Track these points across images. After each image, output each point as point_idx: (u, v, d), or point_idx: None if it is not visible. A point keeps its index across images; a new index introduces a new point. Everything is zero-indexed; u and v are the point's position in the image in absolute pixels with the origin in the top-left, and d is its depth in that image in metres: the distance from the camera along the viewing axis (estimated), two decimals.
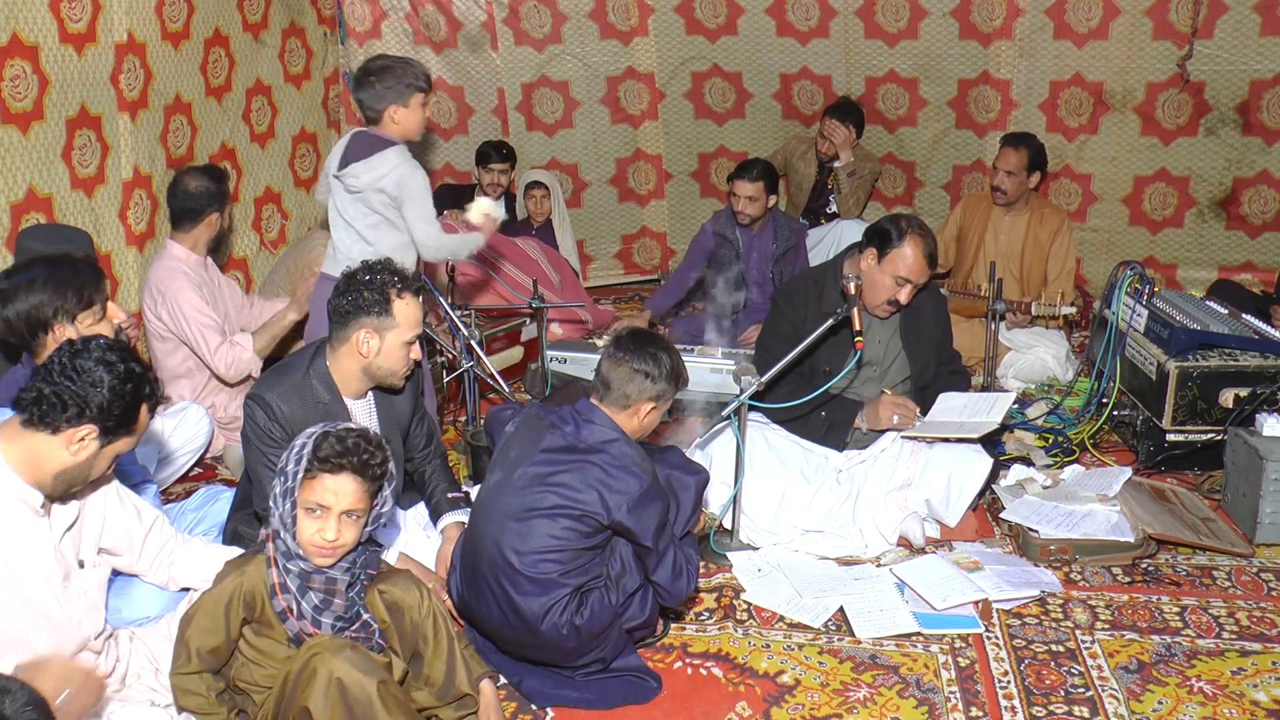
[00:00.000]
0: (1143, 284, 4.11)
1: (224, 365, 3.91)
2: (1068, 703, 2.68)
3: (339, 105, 5.85)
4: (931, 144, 6.08)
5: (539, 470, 2.65)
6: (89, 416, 2.19)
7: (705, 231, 5.20)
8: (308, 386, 2.86)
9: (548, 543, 2.59)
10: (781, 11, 5.92)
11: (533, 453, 2.69)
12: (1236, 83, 5.38)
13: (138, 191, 4.18)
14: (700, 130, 6.36)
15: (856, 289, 3.37)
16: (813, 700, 2.70)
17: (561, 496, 2.60)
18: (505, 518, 2.64)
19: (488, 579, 2.65)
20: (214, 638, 2.30)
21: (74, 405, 2.17)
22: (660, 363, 2.74)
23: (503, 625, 2.64)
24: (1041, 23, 5.57)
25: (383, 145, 3.58)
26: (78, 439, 2.20)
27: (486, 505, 2.72)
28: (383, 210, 3.60)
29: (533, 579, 2.59)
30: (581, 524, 2.59)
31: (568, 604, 2.60)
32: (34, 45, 3.62)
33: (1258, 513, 3.40)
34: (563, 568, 2.60)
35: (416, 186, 3.58)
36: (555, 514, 2.59)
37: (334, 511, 2.27)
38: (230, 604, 2.30)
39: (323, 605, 2.32)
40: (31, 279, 2.83)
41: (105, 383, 2.19)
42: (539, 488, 2.62)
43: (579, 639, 2.63)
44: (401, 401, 3.07)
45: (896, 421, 3.55)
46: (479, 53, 6.03)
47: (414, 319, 2.89)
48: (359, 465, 2.27)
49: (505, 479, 2.69)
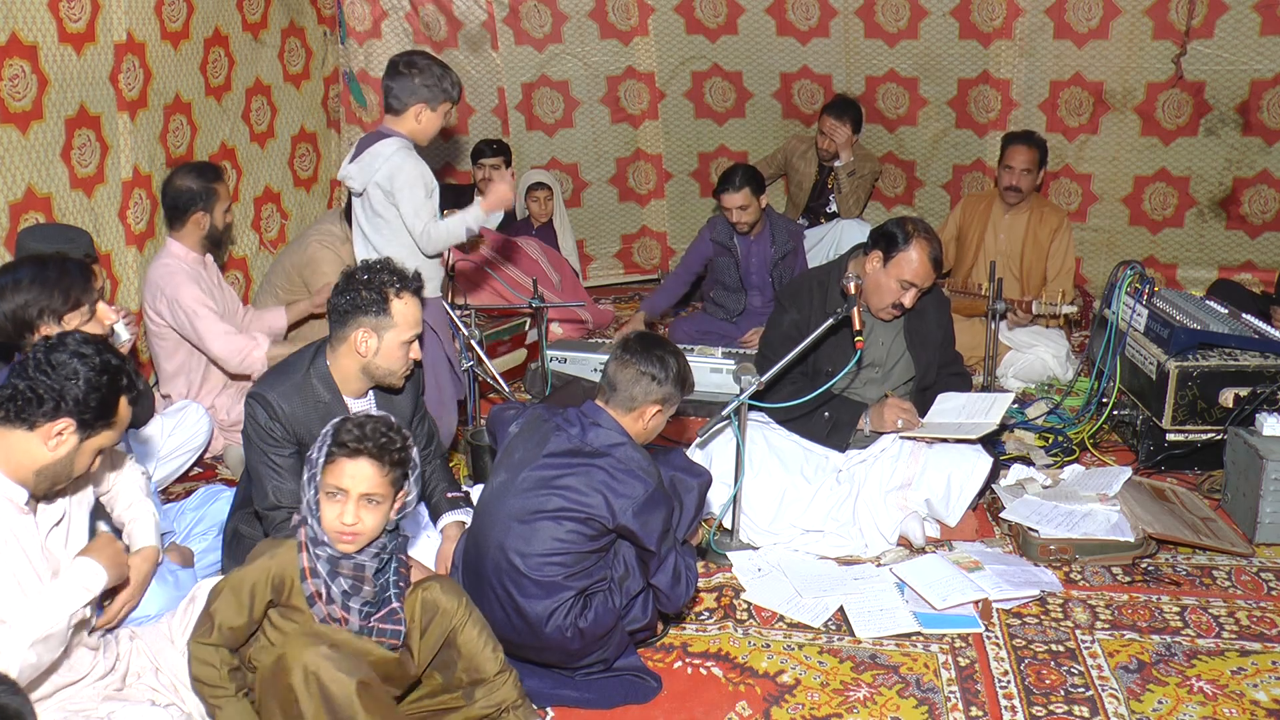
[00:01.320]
0: (1143, 284, 4.11)
1: (233, 351, 3.89)
2: (1068, 702, 2.68)
3: (339, 105, 5.85)
4: (931, 143, 6.08)
5: (544, 473, 2.65)
6: (65, 410, 2.18)
7: (703, 238, 5.16)
8: (308, 386, 2.86)
9: (552, 545, 2.59)
10: (782, 11, 5.92)
11: (537, 455, 2.69)
12: (1236, 82, 5.38)
13: (137, 191, 4.18)
14: (700, 130, 6.36)
15: (857, 288, 3.37)
16: (813, 700, 2.70)
17: (566, 500, 2.60)
18: (509, 520, 2.64)
19: (491, 581, 2.65)
20: (238, 617, 2.32)
21: (50, 399, 2.16)
22: (667, 366, 2.73)
23: (506, 627, 2.64)
24: (1041, 22, 5.57)
25: (380, 139, 3.51)
26: (55, 433, 2.19)
27: (490, 507, 2.71)
28: (381, 209, 3.52)
29: (537, 581, 2.59)
30: (586, 527, 2.59)
31: (572, 606, 2.60)
32: (33, 45, 3.62)
33: (1258, 512, 3.40)
34: (567, 570, 2.60)
35: (409, 176, 3.46)
36: (560, 517, 2.59)
37: (352, 495, 2.27)
38: (256, 586, 2.31)
39: (351, 591, 2.32)
40: (18, 279, 2.82)
41: (80, 375, 2.18)
42: (544, 490, 2.62)
43: (583, 641, 2.63)
44: (402, 400, 3.07)
45: (900, 425, 3.55)
46: (479, 52, 6.03)
47: (413, 319, 2.88)
48: (376, 450, 2.28)
49: (510, 481, 2.69)
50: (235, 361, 3.91)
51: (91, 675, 2.34)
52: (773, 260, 5.05)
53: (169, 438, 3.73)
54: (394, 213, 3.51)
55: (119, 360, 2.27)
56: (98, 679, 2.35)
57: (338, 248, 4.61)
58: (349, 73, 5.86)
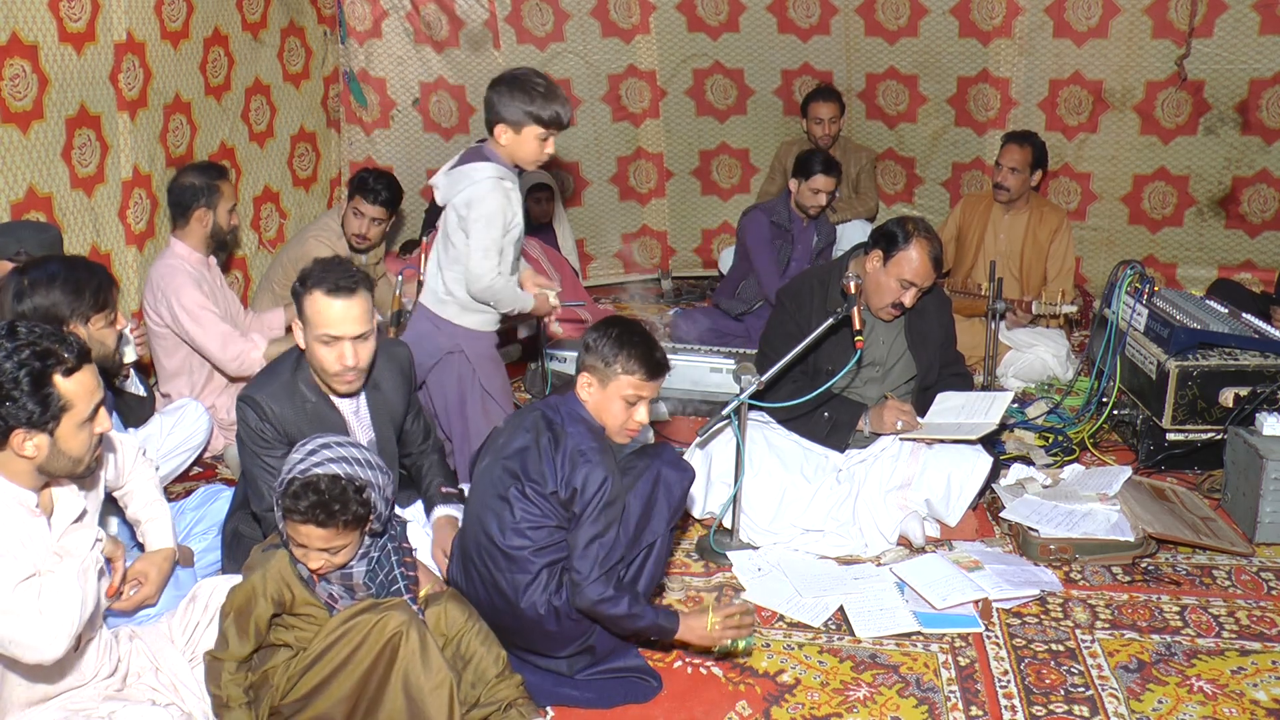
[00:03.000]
0: (1142, 283, 4.11)
1: (232, 354, 3.90)
2: (1068, 702, 2.68)
3: (339, 104, 5.85)
4: (931, 141, 6.09)
5: (517, 447, 2.68)
6: (14, 425, 2.13)
7: (759, 224, 5.01)
8: (295, 387, 2.86)
9: (520, 518, 2.62)
10: (783, 9, 5.92)
11: (517, 436, 2.72)
12: (1236, 81, 5.38)
13: (137, 191, 4.18)
14: (702, 127, 6.36)
15: (856, 287, 3.37)
16: (813, 699, 2.71)
17: (529, 475, 2.63)
18: (486, 498, 2.69)
19: (474, 560, 2.70)
20: (245, 648, 2.37)
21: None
22: (601, 334, 2.70)
23: (489, 607, 2.68)
24: (1041, 21, 5.58)
25: (480, 159, 3.31)
26: (20, 443, 2.16)
27: (474, 489, 2.78)
28: (453, 232, 3.32)
29: (508, 555, 2.62)
30: (547, 502, 2.62)
31: (546, 583, 2.62)
32: (33, 44, 3.62)
33: (1257, 512, 3.40)
34: (535, 545, 2.62)
35: (486, 211, 3.24)
36: (523, 490, 2.62)
37: (310, 549, 2.32)
38: (259, 619, 2.35)
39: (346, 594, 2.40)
40: (52, 275, 2.82)
41: (2, 390, 2.10)
42: (513, 466, 2.66)
43: (558, 621, 2.64)
44: (393, 395, 3.04)
45: (900, 427, 3.55)
46: (481, 51, 6.02)
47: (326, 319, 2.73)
48: (323, 519, 2.27)
49: (492, 463, 2.74)
50: (234, 365, 3.92)
51: (97, 676, 2.34)
52: (816, 249, 5.06)
53: (168, 436, 3.73)
54: (463, 239, 3.31)
55: (25, 349, 2.14)
56: (99, 679, 2.35)
57: (334, 243, 4.62)
58: (349, 72, 5.86)
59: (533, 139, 3.27)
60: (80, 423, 2.22)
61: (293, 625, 2.40)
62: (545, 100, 3.25)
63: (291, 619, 2.40)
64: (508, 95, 3.24)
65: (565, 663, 2.72)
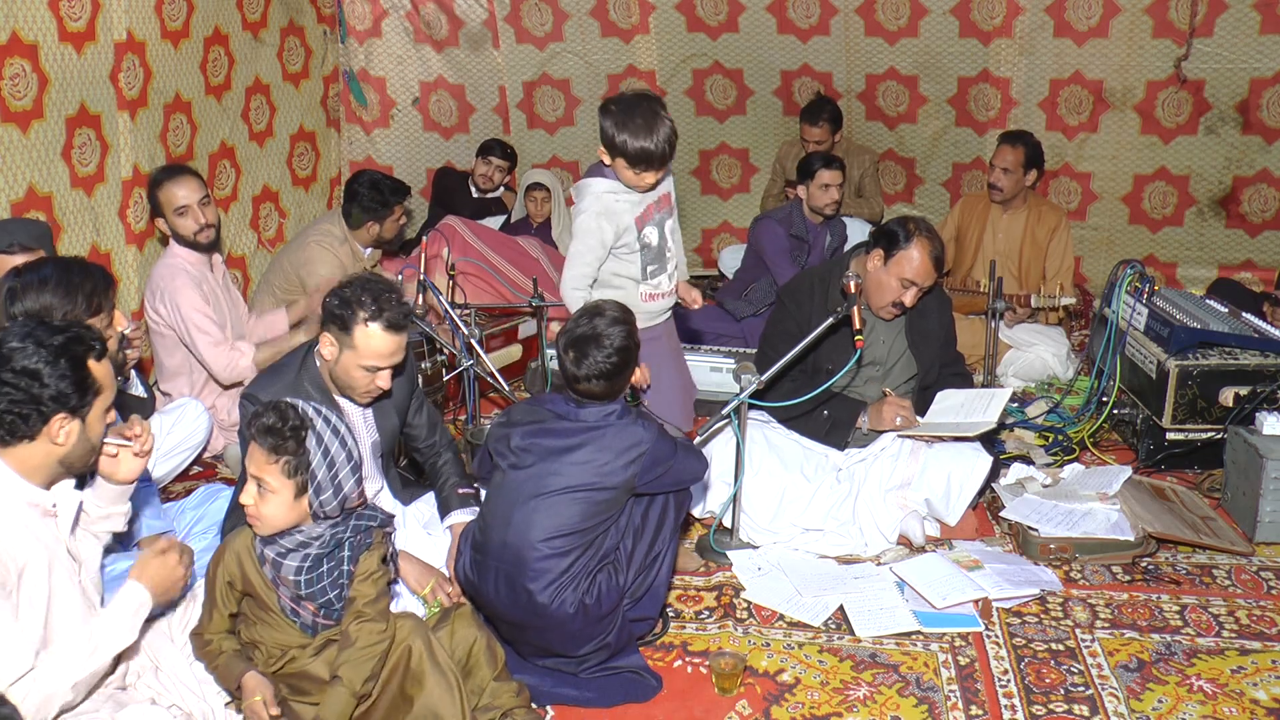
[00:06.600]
0: (1143, 282, 4.11)
1: (221, 365, 3.91)
2: (1067, 701, 2.68)
3: (338, 104, 5.86)
4: (931, 141, 6.09)
5: (550, 447, 2.70)
6: (51, 410, 2.17)
7: (774, 234, 5.00)
8: (300, 386, 2.87)
9: (558, 523, 2.63)
10: (782, 9, 5.92)
11: (539, 435, 2.72)
12: (1236, 81, 5.38)
13: (137, 190, 4.18)
14: (701, 127, 6.36)
15: (856, 286, 3.36)
16: (813, 699, 2.71)
17: (574, 475, 2.64)
18: (515, 501, 2.68)
19: (497, 560, 2.68)
20: (222, 623, 2.46)
21: (33, 411, 2.16)
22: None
23: (510, 606, 2.67)
24: (1041, 21, 5.58)
25: (599, 173, 3.33)
26: (56, 430, 2.20)
27: (497, 491, 2.76)
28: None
29: (543, 558, 2.62)
30: (597, 494, 2.64)
31: (578, 584, 2.63)
32: (33, 44, 3.63)
33: (1257, 511, 3.40)
34: (570, 544, 2.63)
35: (585, 225, 3.29)
36: (567, 493, 2.63)
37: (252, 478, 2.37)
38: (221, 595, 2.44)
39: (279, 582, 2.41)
40: (44, 278, 2.81)
41: (43, 374, 2.16)
42: (551, 470, 2.67)
43: (585, 620, 2.64)
44: (397, 393, 3.06)
45: (899, 423, 3.55)
46: (480, 51, 6.03)
47: (376, 350, 2.79)
48: (261, 430, 2.33)
49: (515, 464, 2.73)
50: (226, 375, 3.93)
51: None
52: (830, 248, 5.05)
53: (168, 435, 3.73)
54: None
55: (63, 333, 2.22)
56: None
57: (335, 248, 4.60)
58: (349, 72, 5.86)
59: (624, 168, 3.22)
60: (106, 408, 2.29)
61: (255, 621, 2.44)
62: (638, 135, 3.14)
63: (253, 614, 2.44)
64: (615, 127, 3.16)
65: (576, 661, 2.72)
